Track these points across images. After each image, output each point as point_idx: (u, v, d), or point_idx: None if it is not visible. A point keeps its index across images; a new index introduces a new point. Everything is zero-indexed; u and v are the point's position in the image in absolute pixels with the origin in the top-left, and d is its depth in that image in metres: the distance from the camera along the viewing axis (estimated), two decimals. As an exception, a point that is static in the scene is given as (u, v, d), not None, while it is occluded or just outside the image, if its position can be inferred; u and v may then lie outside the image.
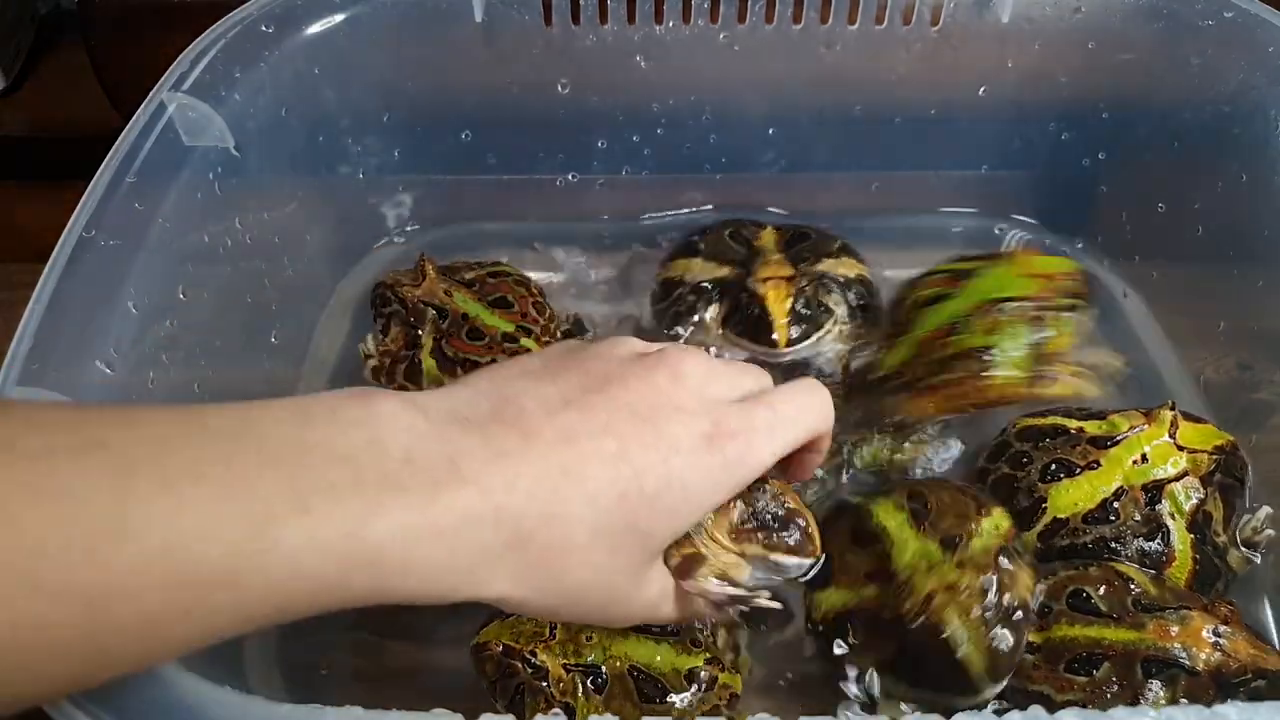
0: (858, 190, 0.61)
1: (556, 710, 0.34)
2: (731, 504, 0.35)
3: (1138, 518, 0.42)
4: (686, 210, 0.61)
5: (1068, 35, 0.52)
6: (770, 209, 0.60)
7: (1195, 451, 0.43)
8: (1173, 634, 0.37)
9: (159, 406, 0.28)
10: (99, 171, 0.40)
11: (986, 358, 0.44)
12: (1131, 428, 0.43)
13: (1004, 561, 0.38)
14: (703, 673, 0.38)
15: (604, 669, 0.37)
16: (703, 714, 0.37)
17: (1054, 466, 0.43)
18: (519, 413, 0.32)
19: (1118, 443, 0.43)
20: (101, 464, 0.24)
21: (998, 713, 0.29)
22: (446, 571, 0.29)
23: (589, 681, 0.36)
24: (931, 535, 0.39)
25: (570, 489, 0.31)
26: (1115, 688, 0.37)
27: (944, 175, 0.60)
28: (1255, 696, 0.36)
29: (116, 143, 0.41)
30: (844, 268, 0.54)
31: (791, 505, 0.37)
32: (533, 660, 0.36)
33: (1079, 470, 0.43)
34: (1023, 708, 0.30)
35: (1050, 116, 0.56)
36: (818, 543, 0.37)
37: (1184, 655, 0.37)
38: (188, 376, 0.42)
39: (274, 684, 0.42)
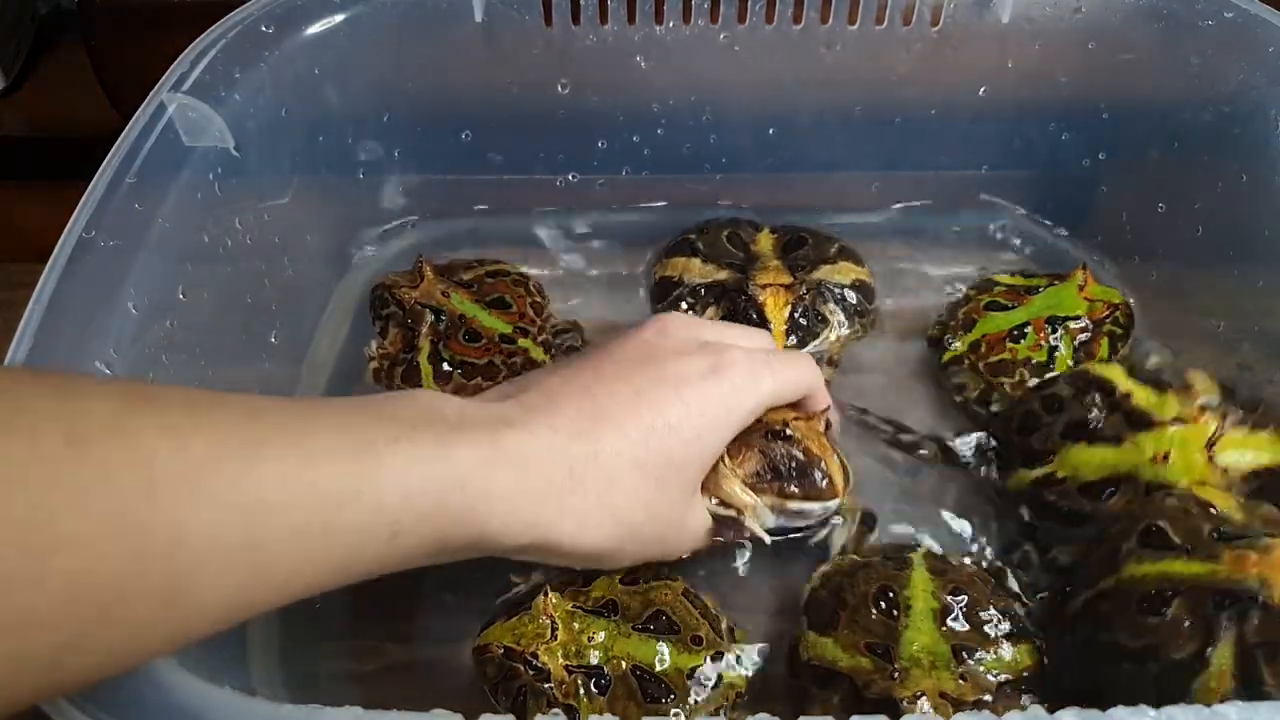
0: (858, 190, 0.61)
1: (557, 711, 0.34)
2: (748, 454, 0.38)
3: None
4: (687, 210, 0.61)
5: (1068, 35, 0.52)
6: (770, 209, 0.60)
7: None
8: (1250, 563, 0.34)
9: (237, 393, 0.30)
10: (99, 172, 0.40)
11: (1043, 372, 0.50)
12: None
13: (1008, 693, 0.37)
14: (707, 671, 0.38)
15: (606, 670, 0.37)
16: (708, 715, 0.37)
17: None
18: (540, 386, 0.37)
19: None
20: (229, 409, 0.27)
21: (998, 713, 0.29)
22: (524, 499, 0.33)
23: (592, 683, 0.36)
24: (949, 637, 0.38)
25: (603, 429, 0.35)
26: (1187, 624, 0.35)
27: (944, 175, 0.60)
28: None
29: (116, 143, 0.41)
30: (841, 273, 0.54)
31: (813, 449, 0.39)
32: (534, 662, 0.36)
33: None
34: (1095, 659, 0.33)
35: (1050, 116, 0.56)
36: (840, 484, 0.39)
37: (1258, 588, 0.33)
38: (188, 377, 0.42)
39: (274, 684, 0.42)
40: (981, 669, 0.37)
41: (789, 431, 0.39)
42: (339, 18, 0.49)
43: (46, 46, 0.72)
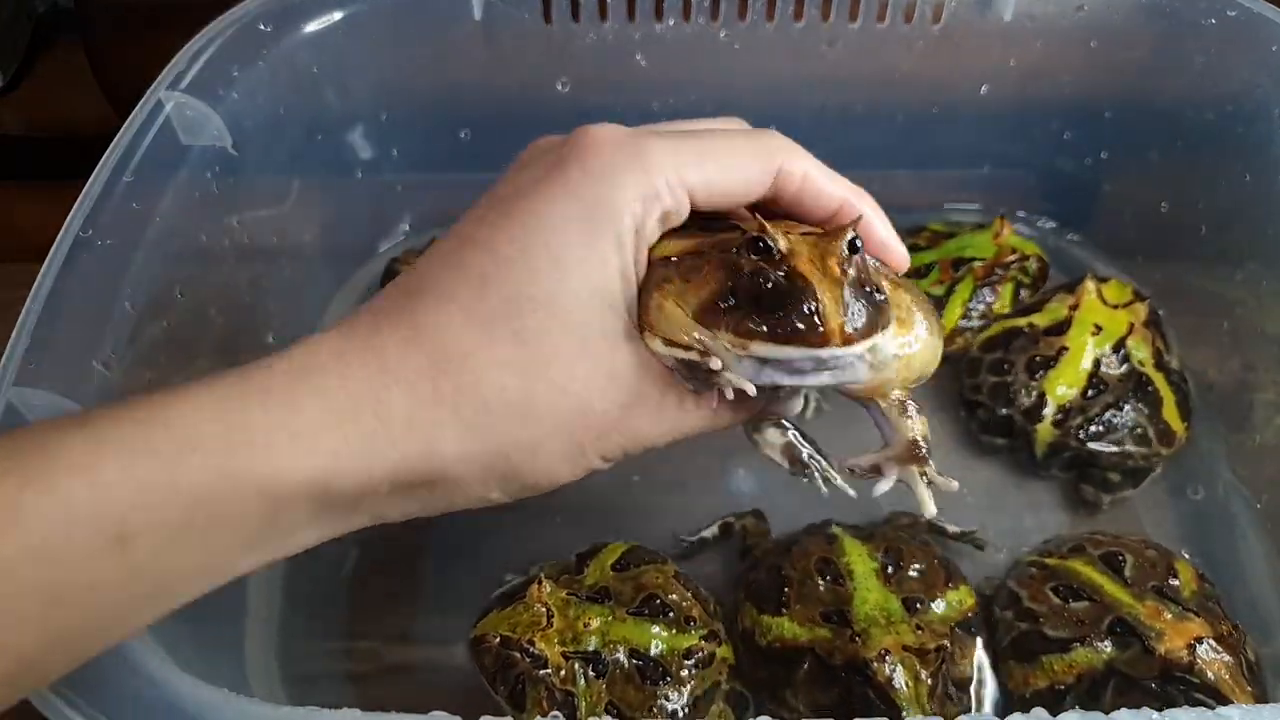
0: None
1: (556, 714, 0.34)
2: (710, 272, 0.27)
3: (1119, 377, 0.48)
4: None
5: (1070, 34, 0.52)
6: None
7: (1124, 305, 0.49)
8: (1161, 617, 0.38)
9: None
10: (96, 171, 0.39)
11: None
12: (1072, 308, 0.50)
13: (959, 634, 0.39)
14: (701, 651, 0.38)
15: (603, 654, 0.37)
16: (704, 690, 0.37)
17: (1033, 363, 0.48)
18: (394, 291, 0.29)
19: (1070, 324, 0.49)
20: None
21: (1000, 713, 0.29)
22: (303, 430, 0.25)
23: (589, 668, 0.36)
24: (896, 592, 0.39)
25: (417, 302, 0.27)
26: (1075, 623, 0.39)
27: (946, 174, 0.60)
28: (1190, 702, 0.36)
29: (114, 142, 0.41)
30: None
31: (800, 269, 0.26)
32: (531, 650, 0.36)
33: (1054, 361, 0.48)
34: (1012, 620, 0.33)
35: (1053, 115, 0.56)
36: (834, 322, 0.25)
37: (1151, 634, 0.37)
38: (186, 377, 0.42)
39: (273, 684, 0.42)
40: (933, 616, 0.39)
41: (772, 242, 0.26)
42: (337, 15, 0.49)
43: (44, 45, 0.72)
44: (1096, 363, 0.48)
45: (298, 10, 0.48)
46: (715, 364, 0.27)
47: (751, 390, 0.27)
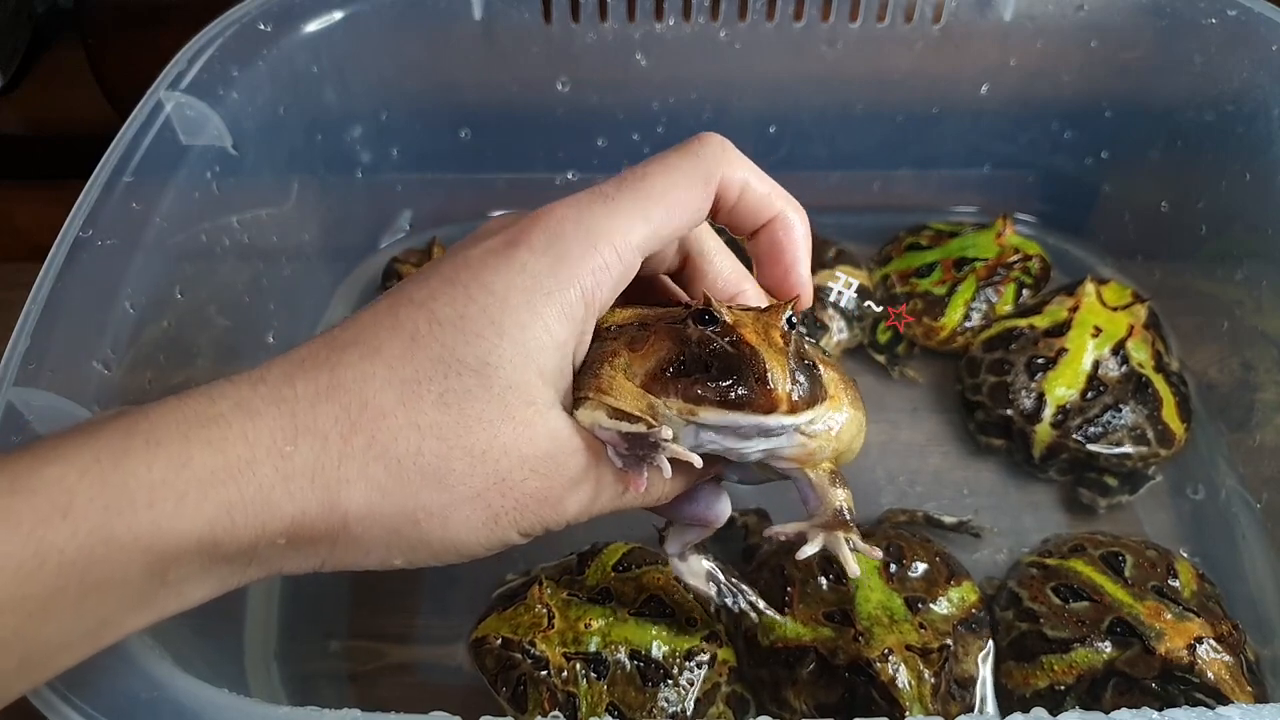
0: (859, 189, 0.60)
1: (557, 715, 0.34)
2: (657, 341, 0.28)
3: (1119, 378, 0.48)
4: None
5: (1070, 34, 0.52)
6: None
7: (1124, 307, 0.50)
8: (1161, 617, 0.38)
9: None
10: (96, 171, 0.39)
11: (939, 306, 0.53)
12: (1072, 310, 0.50)
13: (962, 632, 0.39)
14: (702, 652, 0.38)
15: (604, 655, 0.37)
16: (705, 692, 0.37)
17: (1033, 364, 0.49)
18: (316, 345, 0.27)
19: (1069, 326, 0.49)
20: None
21: (1002, 713, 0.29)
22: (192, 484, 0.24)
23: (590, 669, 0.36)
24: (899, 590, 0.40)
25: (341, 355, 0.26)
26: (1076, 623, 0.39)
27: (946, 174, 0.60)
28: (1190, 702, 0.36)
29: (113, 142, 0.41)
30: (837, 279, 0.54)
31: (748, 340, 0.27)
32: (532, 651, 0.36)
33: (1054, 362, 0.48)
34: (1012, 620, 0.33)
35: (1052, 115, 0.56)
36: (781, 391, 0.26)
37: (1151, 634, 0.37)
38: (185, 377, 0.42)
39: (273, 685, 0.42)
40: (935, 615, 0.39)
41: (718, 313, 0.27)
42: (337, 15, 0.49)
43: (44, 45, 0.72)
44: (1096, 364, 0.48)
45: (298, 10, 0.48)
46: (666, 433, 0.27)
47: (697, 462, 0.28)
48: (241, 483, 0.24)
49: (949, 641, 0.37)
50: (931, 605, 0.39)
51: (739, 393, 0.26)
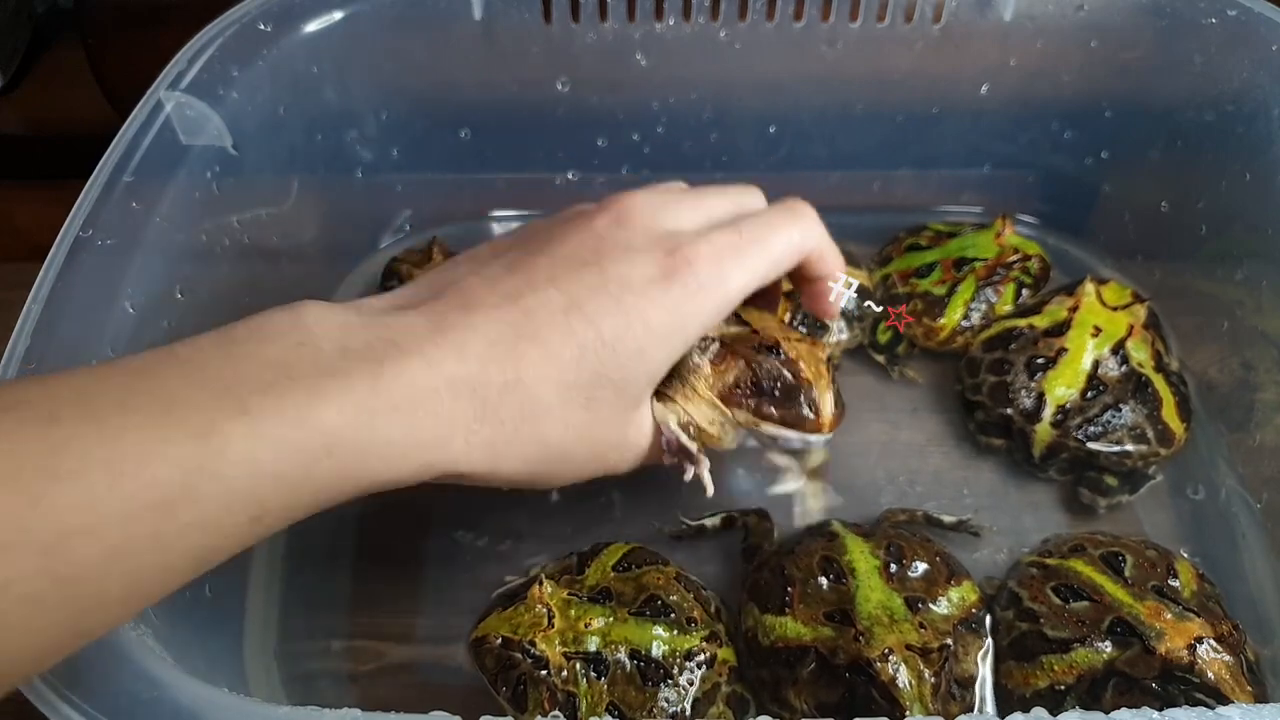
0: (859, 189, 0.60)
1: (557, 715, 0.34)
2: (733, 362, 0.35)
3: (1118, 378, 0.48)
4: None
5: (1070, 33, 0.52)
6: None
7: (1124, 307, 0.50)
8: (1161, 617, 0.38)
9: (78, 368, 0.27)
10: (96, 170, 0.39)
11: (938, 307, 0.53)
12: (1071, 310, 0.50)
13: (962, 632, 0.39)
14: (702, 652, 0.38)
15: (604, 655, 0.37)
16: (704, 692, 0.37)
17: (1033, 363, 0.48)
18: (460, 289, 0.32)
19: (1069, 326, 0.49)
20: (20, 419, 0.23)
21: (1001, 713, 0.29)
22: (412, 448, 0.29)
23: (590, 669, 0.36)
24: (899, 590, 0.39)
25: (526, 350, 0.31)
26: (1076, 623, 0.39)
27: (946, 174, 0.60)
28: (1190, 702, 0.36)
29: (113, 142, 0.41)
30: (837, 279, 0.53)
31: (805, 374, 0.35)
32: (532, 650, 0.36)
33: (1053, 362, 0.48)
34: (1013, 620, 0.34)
35: (1052, 115, 0.56)
36: (828, 417, 0.36)
37: (1151, 634, 0.37)
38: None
39: (272, 684, 0.42)
40: (935, 615, 0.39)
41: (784, 349, 0.36)
42: (337, 15, 0.49)
43: (44, 45, 0.72)
44: (1096, 364, 0.48)
45: (298, 10, 0.48)
46: (705, 467, 0.37)
47: (710, 493, 0.37)
48: (439, 449, 0.29)
49: (949, 641, 0.37)
50: (932, 605, 0.39)
51: (797, 415, 0.35)
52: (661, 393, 0.36)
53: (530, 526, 0.46)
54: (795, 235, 0.36)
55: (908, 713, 0.35)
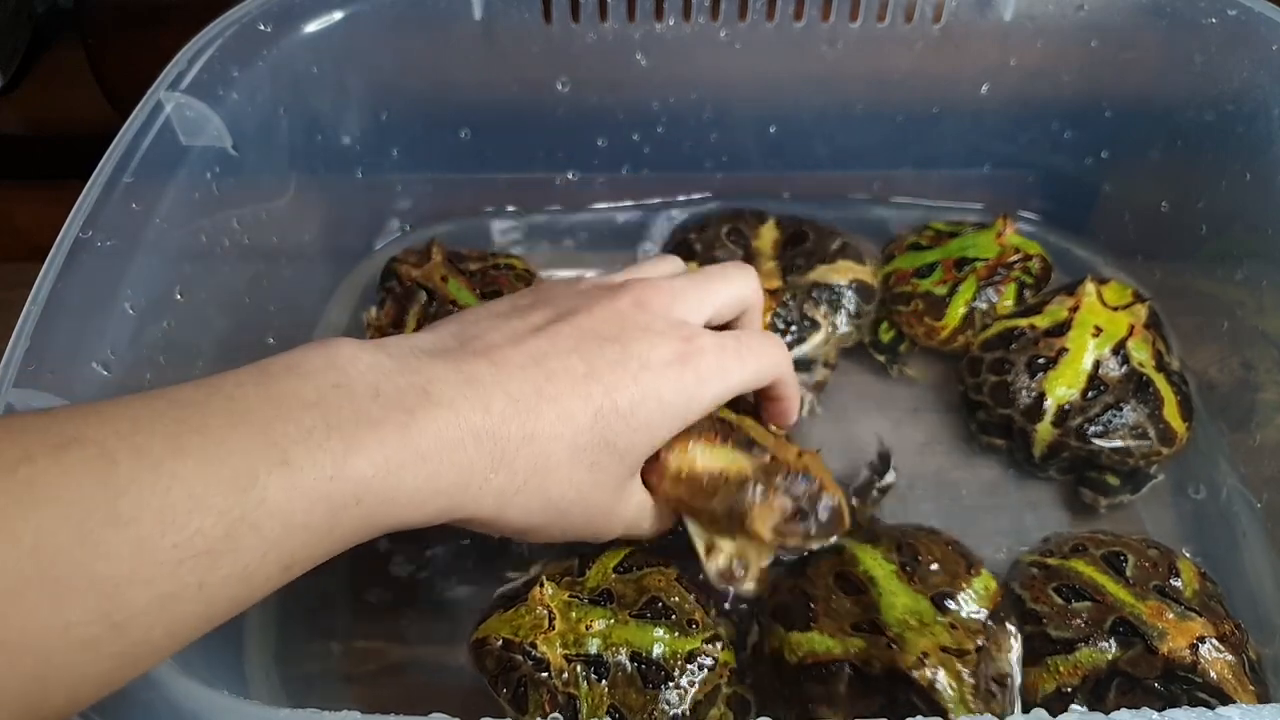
0: (859, 189, 0.60)
1: (557, 716, 0.34)
2: (774, 498, 0.38)
3: (1119, 378, 0.47)
4: (687, 209, 0.60)
5: (1070, 33, 0.52)
6: (771, 207, 0.60)
7: (1124, 307, 0.50)
8: (1163, 617, 0.38)
9: (127, 396, 0.27)
10: (96, 171, 0.39)
11: (940, 307, 0.53)
12: (1072, 310, 0.50)
13: (993, 627, 0.38)
14: (704, 655, 0.38)
15: (605, 657, 0.37)
16: (705, 694, 0.37)
17: (1033, 363, 0.48)
18: (486, 344, 0.34)
19: (1070, 326, 0.49)
20: (81, 459, 0.24)
21: (1000, 714, 0.28)
22: (433, 495, 0.30)
23: (591, 671, 0.36)
24: (922, 591, 0.39)
25: (545, 409, 0.32)
26: (1079, 622, 0.39)
27: (946, 174, 0.60)
28: (1193, 702, 0.36)
29: (113, 142, 0.41)
30: (838, 274, 0.53)
31: (828, 485, 0.39)
32: (533, 652, 0.36)
33: (1054, 362, 0.48)
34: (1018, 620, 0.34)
35: (1053, 115, 0.56)
36: (848, 517, 0.39)
37: (1153, 634, 0.37)
38: (185, 378, 0.42)
39: (272, 686, 0.42)
40: (964, 611, 0.38)
41: (811, 472, 0.39)
42: (337, 15, 0.49)
43: (44, 45, 0.72)
44: (1096, 364, 0.48)
45: (297, 10, 0.48)
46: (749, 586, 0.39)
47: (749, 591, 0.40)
48: (454, 495, 0.31)
49: (982, 639, 0.36)
50: (959, 600, 0.38)
51: (821, 526, 0.39)
52: (717, 537, 0.39)
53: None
54: (779, 356, 0.40)
55: (952, 716, 0.34)
